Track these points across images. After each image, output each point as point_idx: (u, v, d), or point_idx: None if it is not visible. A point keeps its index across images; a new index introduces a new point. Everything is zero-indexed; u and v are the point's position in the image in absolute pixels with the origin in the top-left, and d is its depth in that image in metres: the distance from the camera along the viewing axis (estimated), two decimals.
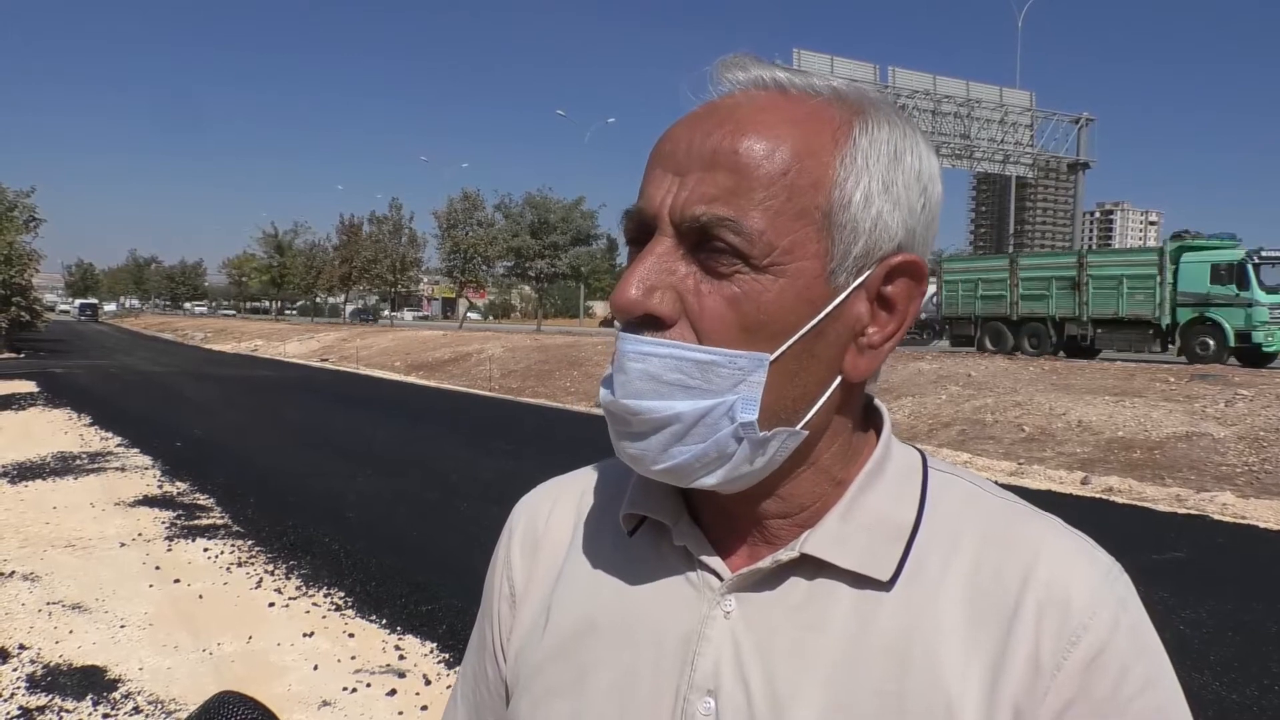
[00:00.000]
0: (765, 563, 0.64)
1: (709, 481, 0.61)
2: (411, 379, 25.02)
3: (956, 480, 0.69)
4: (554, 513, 0.78)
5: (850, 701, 0.60)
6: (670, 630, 0.66)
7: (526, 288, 67.63)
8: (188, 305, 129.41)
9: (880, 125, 0.63)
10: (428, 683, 4.28)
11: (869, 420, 0.71)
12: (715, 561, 0.67)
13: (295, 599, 5.44)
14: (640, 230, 0.63)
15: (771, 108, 0.62)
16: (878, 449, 0.68)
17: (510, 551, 0.79)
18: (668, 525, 0.69)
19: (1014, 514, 0.66)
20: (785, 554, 0.64)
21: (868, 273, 0.62)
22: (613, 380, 0.62)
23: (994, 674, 0.59)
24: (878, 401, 0.72)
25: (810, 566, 0.64)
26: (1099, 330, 23.13)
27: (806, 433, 0.62)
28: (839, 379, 0.63)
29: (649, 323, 0.60)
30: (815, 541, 0.64)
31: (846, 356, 0.63)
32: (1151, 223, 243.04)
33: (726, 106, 0.62)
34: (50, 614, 5.09)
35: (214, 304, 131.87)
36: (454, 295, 76.28)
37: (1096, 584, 0.61)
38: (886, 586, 0.62)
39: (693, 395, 0.59)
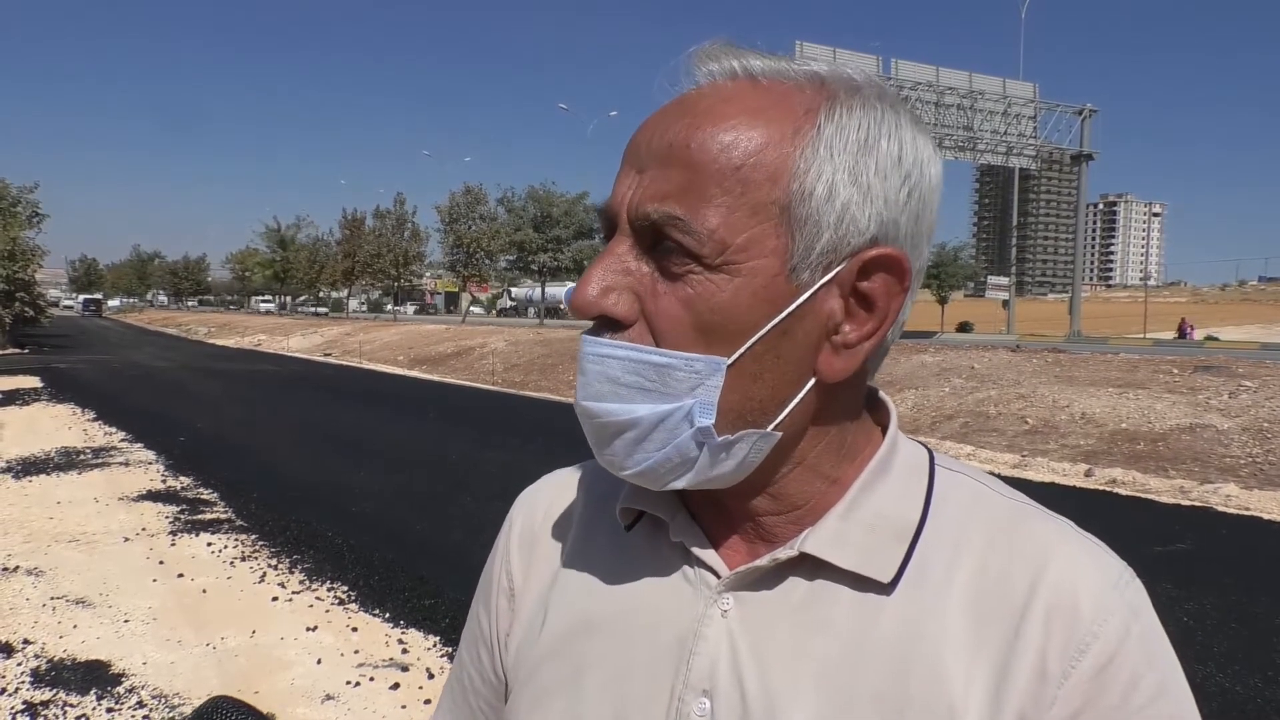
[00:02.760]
0: (764, 561, 0.62)
1: (679, 484, 0.60)
2: (414, 373, 25.04)
3: (964, 479, 0.66)
4: (552, 507, 0.78)
5: (848, 705, 0.58)
6: (666, 628, 0.65)
7: (530, 281, 67.60)
8: (254, 300, 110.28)
9: (851, 110, 0.59)
10: (430, 676, 4.28)
11: (875, 415, 0.69)
12: (713, 559, 0.65)
13: (299, 593, 5.45)
14: (611, 228, 0.61)
15: (734, 98, 0.59)
16: (883, 446, 0.65)
17: (509, 546, 0.78)
18: (665, 520, 0.67)
19: (1023, 515, 0.63)
20: (784, 552, 0.62)
21: (838, 269, 0.58)
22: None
23: (998, 680, 0.57)
24: (883, 395, 0.69)
25: (810, 566, 0.62)
26: None
27: (779, 435, 0.60)
28: (814, 380, 0.60)
29: (609, 324, 0.59)
30: (815, 540, 0.62)
31: (820, 356, 0.60)
32: (1155, 214, 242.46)
33: (691, 99, 0.60)
34: (54, 609, 5.10)
35: (293, 299, 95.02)
36: (457, 289, 76.28)
37: (1107, 590, 0.59)
38: (888, 588, 0.60)
39: (651, 398, 0.58)
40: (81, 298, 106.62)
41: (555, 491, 0.79)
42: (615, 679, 0.66)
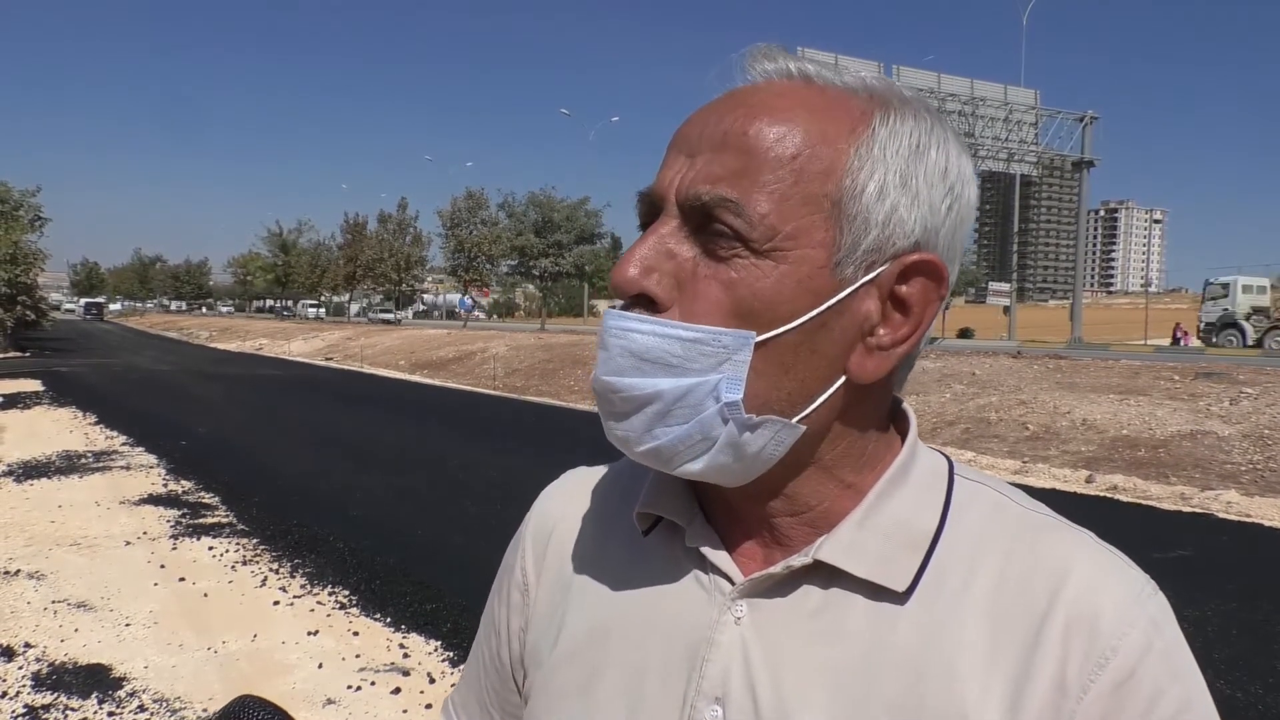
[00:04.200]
0: (777, 568, 0.62)
1: (693, 468, 0.59)
2: (416, 378, 25.05)
3: (984, 489, 0.65)
4: (571, 508, 0.78)
5: (862, 714, 0.58)
6: (680, 634, 0.65)
7: (530, 286, 67.68)
8: (301, 306, 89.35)
9: (904, 118, 0.60)
10: (432, 681, 4.28)
11: (896, 424, 0.68)
12: (728, 565, 0.65)
13: (300, 597, 5.45)
14: (651, 212, 0.62)
15: (790, 94, 0.60)
16: (901, 454, 0.65)
17: (526, 543, 0.79)
18: (681, 526, 0.68)
19: (1043, 526, 0.62)
20: (798, 560, 0.62)
21: (880, 269, 0.59)
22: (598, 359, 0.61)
23: (1015, 693, 0.56)
24: (906, 405, 0.69)
25: (824, 574, 0.62)
26: None
27: (803, 428, 0.59)
28: (843, 378, 0.60)
29: (643, 303, 0.59)
30: (829, 548, 0.61)
31: (853, 356, 0.60)
32: (1156, 221, 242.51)
33: (746, 92, 0.61)
34: (55, 612, 5.11)
35: (371, 301, 78.10)
36: (459, 294, 76.33)
37: (1128, 603, 0.58)
38: (903, 598, 0.60)
39: (675, 374, 0.57)
40: (83, 301, 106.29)
41: (575, 491, 0.79)
42: (629, 684, 0.66)
